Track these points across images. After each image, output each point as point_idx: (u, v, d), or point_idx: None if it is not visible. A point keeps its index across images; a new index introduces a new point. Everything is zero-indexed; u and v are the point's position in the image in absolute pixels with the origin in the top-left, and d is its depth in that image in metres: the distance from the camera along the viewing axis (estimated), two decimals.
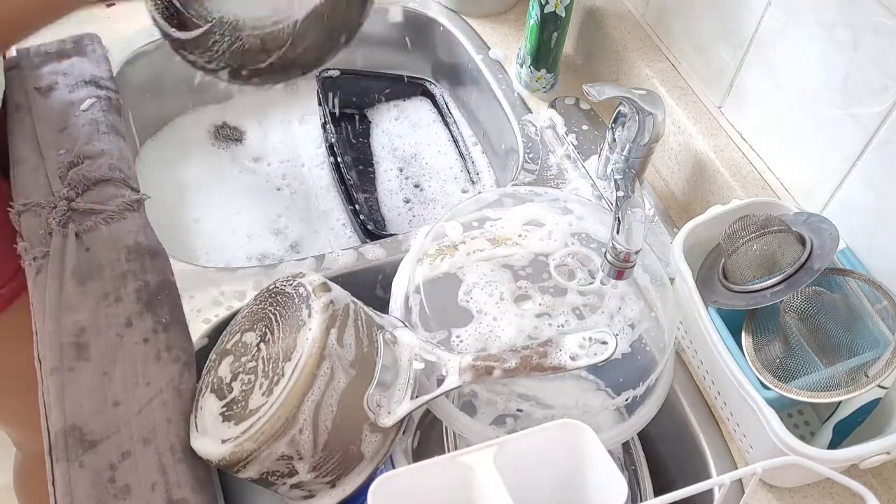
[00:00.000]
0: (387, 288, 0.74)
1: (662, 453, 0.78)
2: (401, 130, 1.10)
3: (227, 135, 1.09)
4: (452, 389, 0.60)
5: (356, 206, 0.94)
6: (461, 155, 1.07)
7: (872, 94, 0.67)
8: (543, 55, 0.96)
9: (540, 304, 0.68)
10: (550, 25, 0.92)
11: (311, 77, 1.07)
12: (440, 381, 0.60)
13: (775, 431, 0.61)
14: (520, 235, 0.73)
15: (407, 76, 1.14)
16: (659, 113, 0.77)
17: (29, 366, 0.66)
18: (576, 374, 0.72)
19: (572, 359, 0.59)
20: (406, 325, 0.66)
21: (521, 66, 0.99)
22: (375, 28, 1.12)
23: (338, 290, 0.63)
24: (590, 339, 0.59)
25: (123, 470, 0.60)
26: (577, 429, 0.52)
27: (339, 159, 0.98)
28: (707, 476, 0.69)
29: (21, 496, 1.08)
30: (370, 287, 0.82)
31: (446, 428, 0.67)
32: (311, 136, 1.08)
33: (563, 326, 0.67)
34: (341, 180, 0.98)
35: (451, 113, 1.10)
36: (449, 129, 1.09)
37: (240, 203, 1.00)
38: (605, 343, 0.59)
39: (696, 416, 0.72)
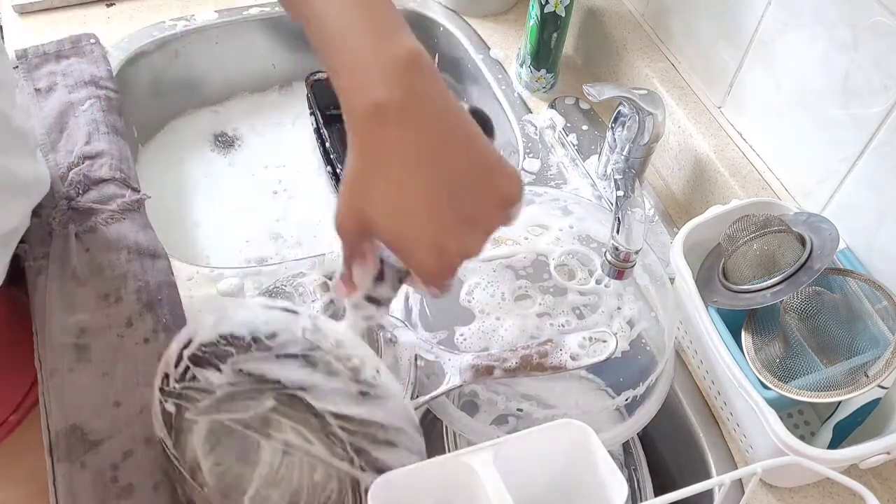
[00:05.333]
0: None
1: (662, 453, 0.78)
2: None
3: (226, 138, 1.09)
4: (453, 389, 0.60)
5: None
6: None
7: (872, 94, 0.67)
8: (543, 55, 0.96)
9: (540, 304, 0.68)
10: (550, 25, 0.92)
11: (301, 78, 1.07)
12: (440, 381, 0.60)
13: (775, 431, 0.61)
14: (526, 238, 0.73)
15: None
16: (659, 113, 0.77)
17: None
18: (576, 373, 0.72)
19: (573, 358, 0.59)
20: (406, 325, 0.66)
21: (522, 66, 0.99)
22: None
23: None
24: (590, 338, 0.60)
25: (125, 470, 0.60)
26: (578, 429, 0.52)
27: (335, 166, 0.98)
28: (707, 476, 0.69)
29: None
30: None
31: (446, 427, 0.67)
32: (305, 139, 1.08)
33: (563, 326, 0.67)
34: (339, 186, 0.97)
35: None
36: None
37: (238, 207, 1.00)
38: (605, 342, 0.59)
39: (696, 416, 0.72)
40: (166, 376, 0.54)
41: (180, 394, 0.53)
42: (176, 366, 0.53)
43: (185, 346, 0.52)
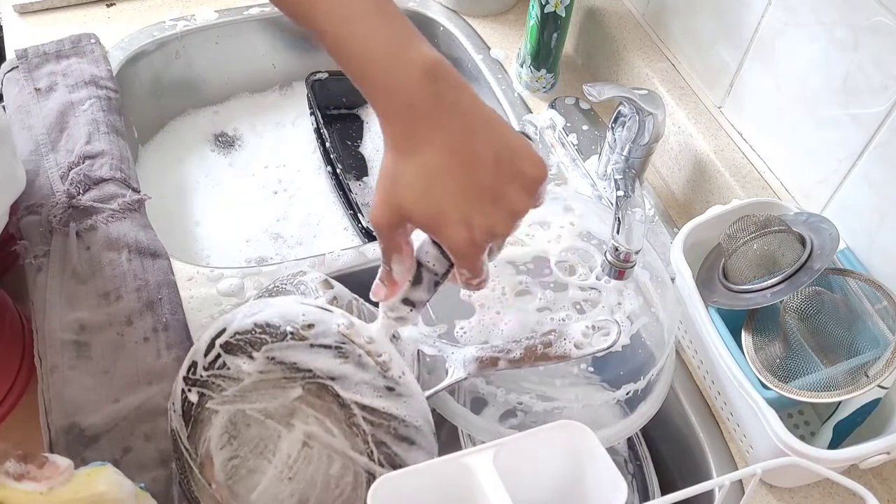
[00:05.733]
0: None
1: (663, 453, 0.78)
2: None
3: (226, 138, 1.09)
4: (457, 382, 0.60)
5: (356, 210, 0.94)
6: None
7: (872, 94, 0.67)
8: (543, 55, 0.96)
9: (540, 299, 0.68)
10: (550, 25, 0.92)
11: (301, 78, 1.07)
12: (443, 377, 0.60)
13: (775, 431, 0.61)
14: (528, 235, 0.73)
15: None
16: (659, 113, 0.77)
17: None
18: (577, 369, 0.72)
19: (577, 347, 0.59)
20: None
21: (522, 66, 0.99)
22: None
23: (340, 287, 0.63)
24: (593, 326, 0.60)
25: (125, 465, 0.60)
26: (578, 430, 0.52)
27: (335, 166, 0.98)
28: (707, 475, 0.69)
29: None
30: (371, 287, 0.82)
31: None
32: (305, 139, 1.08)
33: (563, 321, 0.67)
34: (339, 186, 0.97)
35: None
36: None
37: (238, 207, 1.00)
38: (608, 331, 0.59)
39: (696, 416, 0.72)
40: (194, 364, 0.55)
41: (206, 382, 0.54)
42: (206, 354, 0.54)
43: (218, 335, 0.54)
